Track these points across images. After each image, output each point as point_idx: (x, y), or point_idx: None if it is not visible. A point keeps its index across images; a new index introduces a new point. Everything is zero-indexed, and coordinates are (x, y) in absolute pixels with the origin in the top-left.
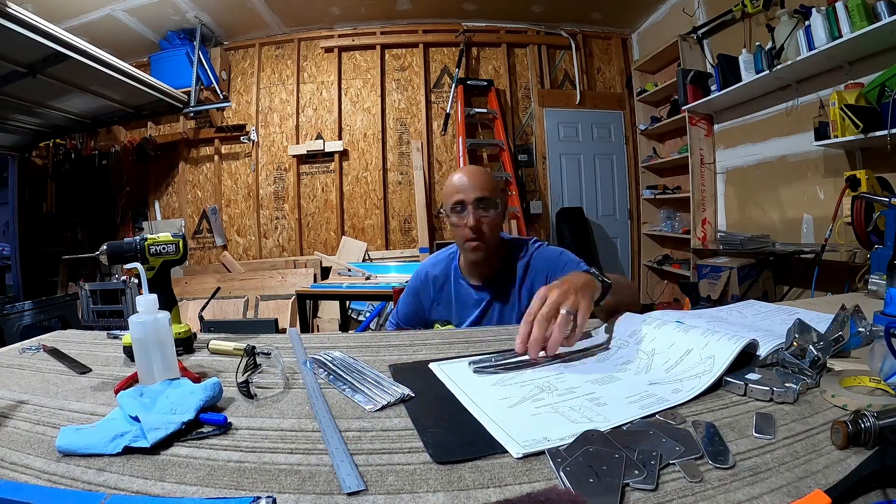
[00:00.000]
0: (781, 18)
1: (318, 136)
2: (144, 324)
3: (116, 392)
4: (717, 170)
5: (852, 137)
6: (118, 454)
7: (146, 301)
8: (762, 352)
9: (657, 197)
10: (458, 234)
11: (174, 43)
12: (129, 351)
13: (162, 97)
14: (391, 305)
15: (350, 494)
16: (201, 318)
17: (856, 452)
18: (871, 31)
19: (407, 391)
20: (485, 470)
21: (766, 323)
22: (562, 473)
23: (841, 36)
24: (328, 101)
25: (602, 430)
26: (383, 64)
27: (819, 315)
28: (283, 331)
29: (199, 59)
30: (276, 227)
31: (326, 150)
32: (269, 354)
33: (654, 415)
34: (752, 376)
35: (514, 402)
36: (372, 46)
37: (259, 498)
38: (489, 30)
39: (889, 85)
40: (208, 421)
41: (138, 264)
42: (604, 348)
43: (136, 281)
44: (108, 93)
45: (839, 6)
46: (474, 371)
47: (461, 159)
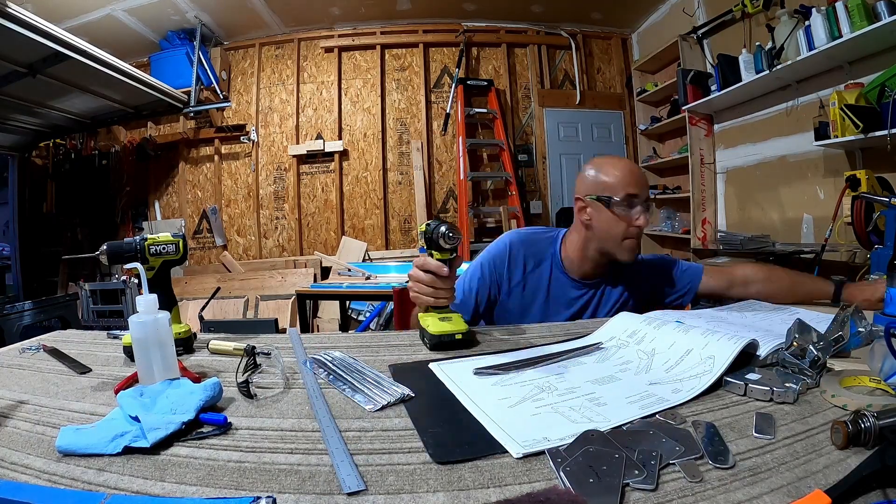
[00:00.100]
0: (781, 18)
1: (318, 136)
2: (144, 324)
3: (116, 392)
4: (717, 170)
5: (852, 137)
6: (118, 454)
7: (146, 301)
8: (762, 352)
9: (657, 197)
10: (614, 229)
11: (174, 43)
12: (129, 351)
13: (162, 97)
14: (391, 305)
15: (350, 494)
16: (201, 318)
17: (856, 452)
18: (871, 31)
19: (407, 391)
20: (485, 470)
21: (766, 323)
22: (562, 473)
23: (841, 36)
24: (328, 101)
25: (602, 430)
26: (383, 64)
27: (819, 315)
28: (283, 331)
29: (199, 59)
30: (276, 227)
31: (326, 150)
32: (269, 354)
33: (654, 415)
34: (752, 376)
35: (514, 402)
36: (372, 46)
37: (259, 498)
38: (489, 30)
39: (889, 85)
40: (208, 421)
41: (138, 264)
42: (599, 348)
43: (136, 281)
44: (108, 93)
45: (839, 6)
46: (474, 372)
47: (461, 159)
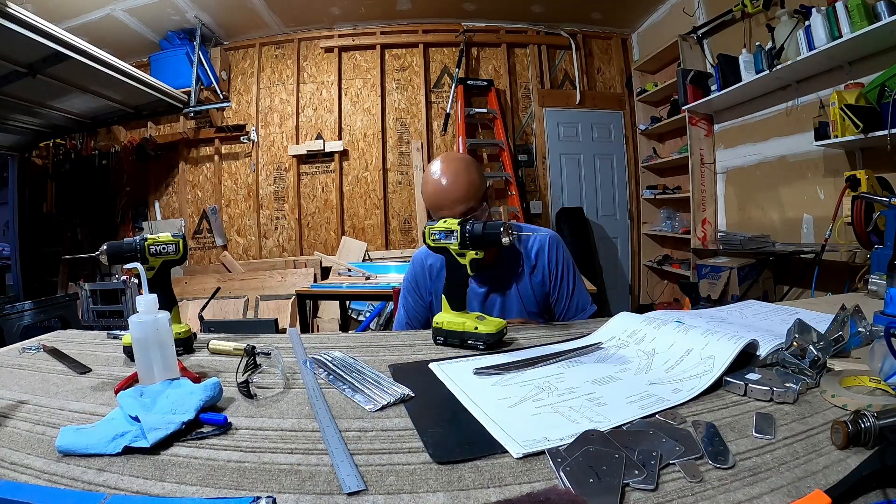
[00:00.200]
0: (781, 18)
1: (318, 136)
2: (144, 324)
3: (116, 392)
4: (717, 170)
5: (852, 137)
6: (118, 454)
7: (146, 301)
8: (762, 352)
9: (657, 197)
10: None
11: (174, 43)
12: (129, 351)
13: (162, 97)
14: (391, 305)
15: (350, 494)
16: (201, 318)
17: (856, 452)
18: (871, 31)
19: (407, 391)
20: (485, 470)
21: (766, 323)
22: (562, 473)
23: (841, 36)
24: (328, 101)
25: (602, 430)
26: (383, 64)
27: (819, 315)
28: (283, 331)
29: (199, 59)
30: (276, 227)
31: (326, 150)
32: (269, 354)
33: (654, 415)
34: (752, 376)
35: (514, 402)
36: (372, 46)
37: (259, 498)
38: (489, 30)
39: (889, 85)
40: (208, 421)
41: (138, 264)
42: (599, 348)
43: (136, 281)
44: (108, 93)
45: (839, 6)
46: (474, 372)
47: None
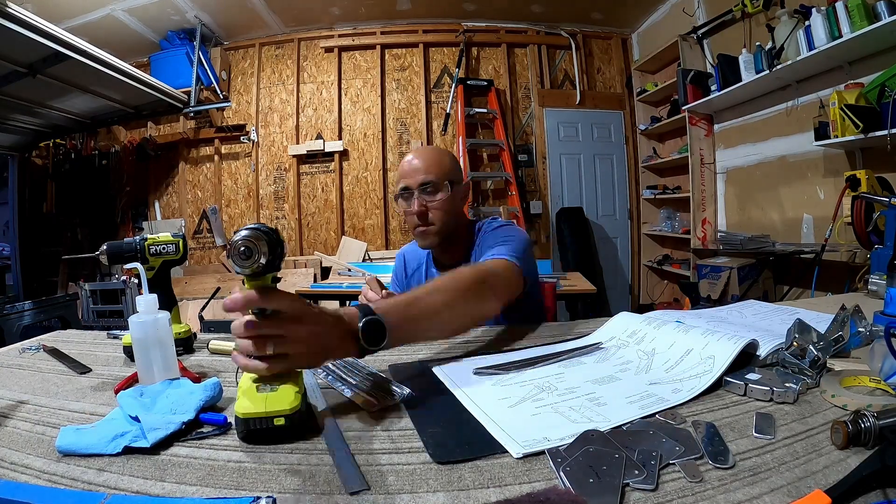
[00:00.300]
0: (781, 18)
1: (318, 136)
2: (144, 324)
3: (116, 392)
4: (717, 170)
5: (852, 137)
6: (118, 454)
7: (146, 301)
8: (762, 352)
9: (657, 197)
10: (408, 221)
11: (174, 43)
12: (129, 351)
13: (162, 97)
14: None
15: (351, 494)
16: (201, 318)
17: (856, 452)
18: (871, 31)
19: (407, 391)
20: (485, 470)
21: (766, 323)
22: (562, 473)
23: (841, 36)
24: (328, 101)
25: (602, 430)
26: (383, 64)
27: (819, 315)
28: None
29: (199, 59)
30: (276, 226)
31: (326, 150)
32: None
33: (654, 415)
34: (752, 376)
35: (514, 402)
36: (372, 46)
37: (259, 498)
38: (489, 30)
39: (889, 85)
40: (208, 421)
41: (138, 264)
42: (599, 348)
43: (136, 281)
44: (108, 93)
45: (839, 6)
46: (474, 372)
47: (461, 159)
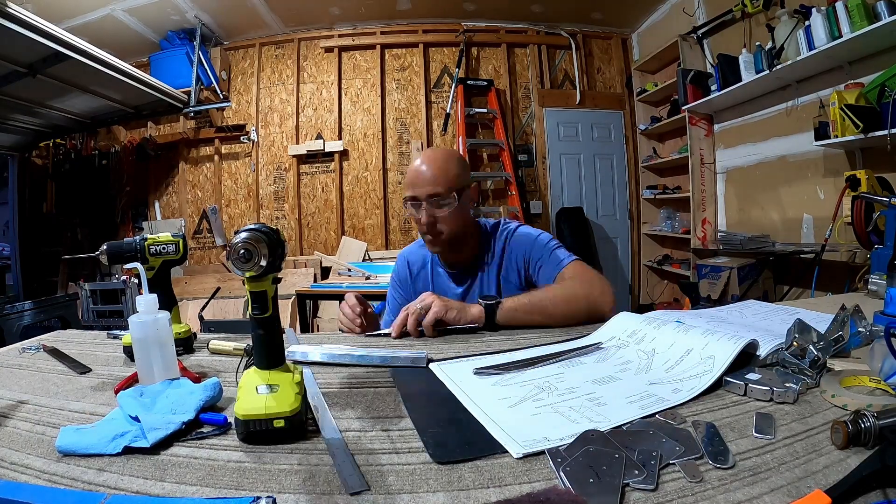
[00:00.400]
0: (781, 18)
1: (318, 136)
2: (144, 324)
3: (116, 392)
4: (717, 170)
5: (852, 137)
6: (118, 454)
7: (146, 301)
8: (762, 352)
9: (657, 197)
10: (417, 227)
11: (174, 43)
12: (129, 351)
13: (162, 97)
14: None
15: (351, 494)
16: (201, 318)
17: (856, 452)
18: (871, 31)
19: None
20: (485, 470)
21: (766, 323)
22: (562, 473)
23: (841, 36)
24: (328, 101)
25: (602, 430)
26: (383, 64)
27: (819, 315)
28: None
29: (199, 59)
30: (276, 226)
31: (326, 150)
32: None
33: (654, 415)
34: (752, 376)
35: (514, 402)
36: (372, 46)
37: (259, 498)
38: (489, 30)
39: (889, 85)
40: (208, 421)
41: (138, 264)
42: (599, 348)
43: (136, 281)
44: (108, 93)
45: (839, 6)
46: (474, 372)
47: None
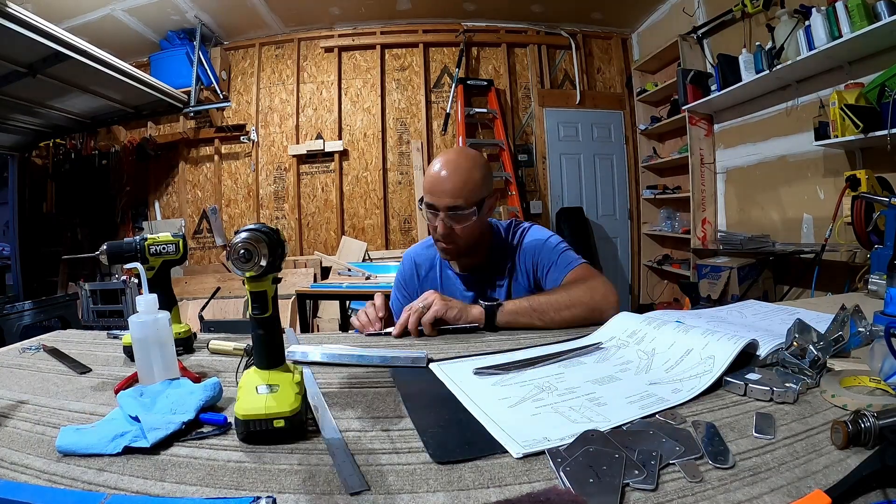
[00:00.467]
0: (781, 18)
1: (318, 136)
2: (144, 324)
3: (116, 392)
4: (717, 170)
5: (852, 137)
6: (118, 454)
7: (146, 301)
8: (762, 352)
9: (657, 197)
10: (430, 230)
11: (174, 43)
12: (129, 351)
13: (162, 97)
14: None
15: (351, 494)
16: (201, 318)
17: (856, 452)
18: (871, 31)
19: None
20: (485, 470)
21: (766, 323)
22: (562, 473)
23: (841, 36)
24: (328, 101)
25: (602, 430)
26: (383, 64)
27: (819, 315)
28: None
29: (199, 59)
30: (276, 226)
31: (326, 150)
32: None
33: (654, 415)
34: (752, 376)
35: (514, 402)
36: (372, 46)
37: (259, 498)
38: (489, 30)
39: (889, 85)
40: (208, 421)
41: (138, 264)
42: (599, 348)
43: (136, 281)
44: (108, 93)
45: (839, 6)
46: (474, 372)
47: None
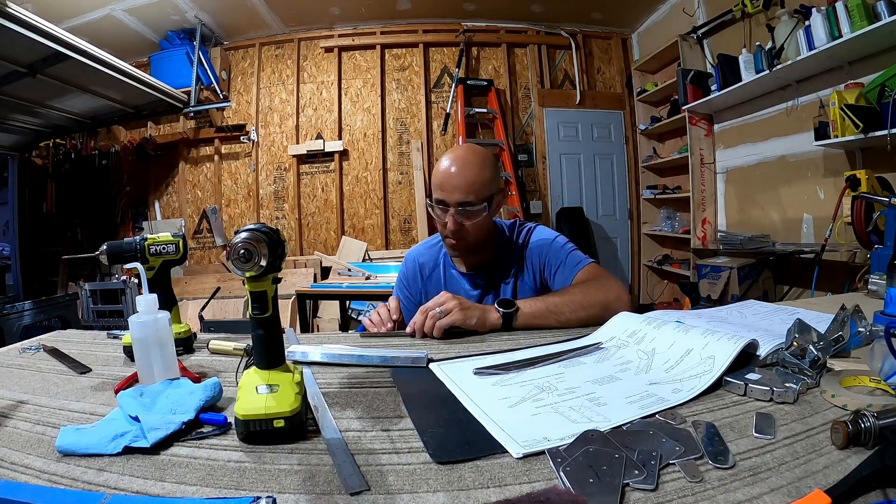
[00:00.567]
0: (781, 18)
1: (318, 136)
2: (144, 324)
3: (116, 392)
4: (717, 170)
5: (852, 137)
6: (118, 454)
7: (146, 301)
8: (762, 352)
9: (657, 197)
10: (438, 226)
11: (174, 43)
12: (129, 351)
13: (162, 97)
14: None
15: (351, 494)
16: (201, 318)
17: (856, 452)
18: (871, 31)
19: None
20: (485, 470)
21: (766, 323)
22: (562, 473)
23: (841, 36)
24: (328, 101)
25: (602, 430)
26: (383, 64)
27: (819, 315)
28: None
29: (199, 58)
30: (276, 226)
31: (326, 150)
32: None
33: (654, 415)
34: (752, 376)
35: (514, 402)
36: (372, 46)
37: (259, 498)
38: (489, 30)
39: (889, 85)
40: (208, 421)
41: (138, 264)
42: (599, 348)
43: (136, 281)
44: (108, 93)
45: (839, 6)
46: (474, 372)
47: None
